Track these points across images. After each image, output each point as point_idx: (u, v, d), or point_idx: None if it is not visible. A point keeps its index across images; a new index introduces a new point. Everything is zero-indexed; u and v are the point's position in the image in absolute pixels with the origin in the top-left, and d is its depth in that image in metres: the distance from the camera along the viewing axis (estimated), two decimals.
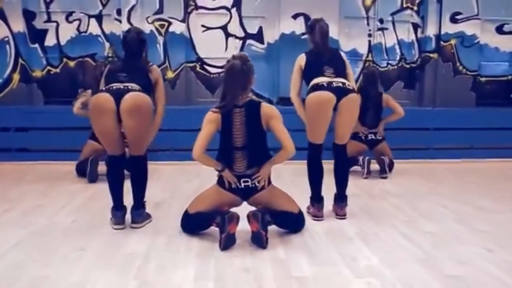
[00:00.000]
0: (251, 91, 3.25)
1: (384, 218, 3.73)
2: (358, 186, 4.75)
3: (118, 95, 3.24)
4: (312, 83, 3.63)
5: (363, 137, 5.32)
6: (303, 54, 3.80)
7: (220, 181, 3.24)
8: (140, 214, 3.50)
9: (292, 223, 3.33)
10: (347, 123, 3.64)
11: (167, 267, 2.75)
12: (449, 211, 3.95)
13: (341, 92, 3.52)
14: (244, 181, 3.18)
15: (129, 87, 3.29)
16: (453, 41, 6.35)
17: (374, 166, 5.29)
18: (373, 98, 5.27)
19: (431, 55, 6.45)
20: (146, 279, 2.58)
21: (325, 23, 3.77)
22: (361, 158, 5.19)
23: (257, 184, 3.18)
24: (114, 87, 3.30)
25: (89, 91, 4.84)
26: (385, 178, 5.15)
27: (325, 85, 3.53)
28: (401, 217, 3.76)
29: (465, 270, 2.71)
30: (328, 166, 3.70)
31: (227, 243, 2.99)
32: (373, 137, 5.34)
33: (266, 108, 3.16)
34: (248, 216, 3.07)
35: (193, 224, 3.27)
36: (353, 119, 3.68)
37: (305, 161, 3.71)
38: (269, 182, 3.27)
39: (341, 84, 3.55)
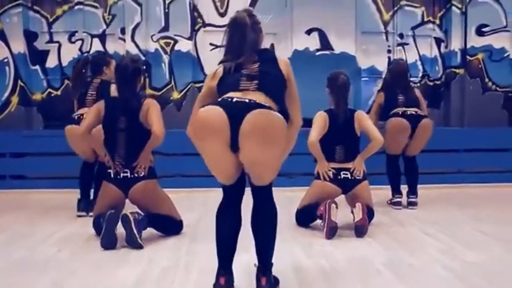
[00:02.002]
0: None
1: (418, 247, 3.18)
2: (383, 211, 4.20)
3: (125, 186, 3.34)
4: (317, 169, 3.69)
5: (400, 113, 4.43)
6: (325, 114, 3.71)
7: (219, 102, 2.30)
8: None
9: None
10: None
11: None
12: (494, 239, 3.37)
13: (348, 185, 3.62)
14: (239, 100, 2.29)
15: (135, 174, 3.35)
16: (480, 55, 5.91)
17: None
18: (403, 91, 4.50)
19: (457, 70, 6.00)
20: None
21: (346, 76, 3.75)
22: (396, 200, 4.49)
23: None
24: (122, 176, 3.34)
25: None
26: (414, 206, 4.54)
27: (331, 175, 3.62)
28: (438, 246, 3.21)
29: None
30: None
31: None
32: (413, 113, 4.43)
33: (283, 60, 2.46)
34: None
35: (220, 223, 2.35)
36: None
37: None
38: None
39: (349, 176, 3.61)
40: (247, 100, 2.19)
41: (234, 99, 2.20)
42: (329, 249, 3.13)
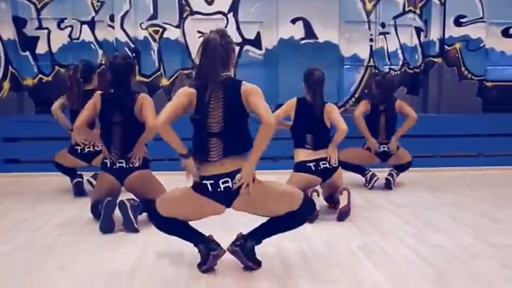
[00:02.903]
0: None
1: (390, 231, 3.49)
2: (361, 195, 4.52)
3: (121, 175, 3.57)
4: (297, 157, 3.91)
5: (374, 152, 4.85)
6: (295, 101, 3.94)
7: (196, 187, 2.65)
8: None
9: (293, 223, 2.71)
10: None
11: (156, 286, 2.52)
12: (461, 223, 3.69)
13: (327, 173, 3.85)
14: (224, 182, 2.55)
15: (131, 164, 3.57)
16: (457, 45, 6.16)
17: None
18: (386, 108, 4.85)
19: (435, 59, 6.25)
20: None
21: (321, 72, 3.93)
22: (369, 175, 4.88)
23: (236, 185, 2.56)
24: (118, 166, 3.54)
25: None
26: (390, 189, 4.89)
27: (312, 167, 3.82)
28: (409, 230, 3.52)
29: None
30: None
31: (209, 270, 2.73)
32: (385, 149, 4.84)
33: (247, 86, 2.64)
34: (229, 252, 2.73)
35: (169, 229, 2.77)
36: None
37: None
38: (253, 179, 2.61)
39: (327, 165, 3.83)
40: (230, 185, 2.56)
41: (221, 187, 2.56)
42: (311, 234, 3.40)
